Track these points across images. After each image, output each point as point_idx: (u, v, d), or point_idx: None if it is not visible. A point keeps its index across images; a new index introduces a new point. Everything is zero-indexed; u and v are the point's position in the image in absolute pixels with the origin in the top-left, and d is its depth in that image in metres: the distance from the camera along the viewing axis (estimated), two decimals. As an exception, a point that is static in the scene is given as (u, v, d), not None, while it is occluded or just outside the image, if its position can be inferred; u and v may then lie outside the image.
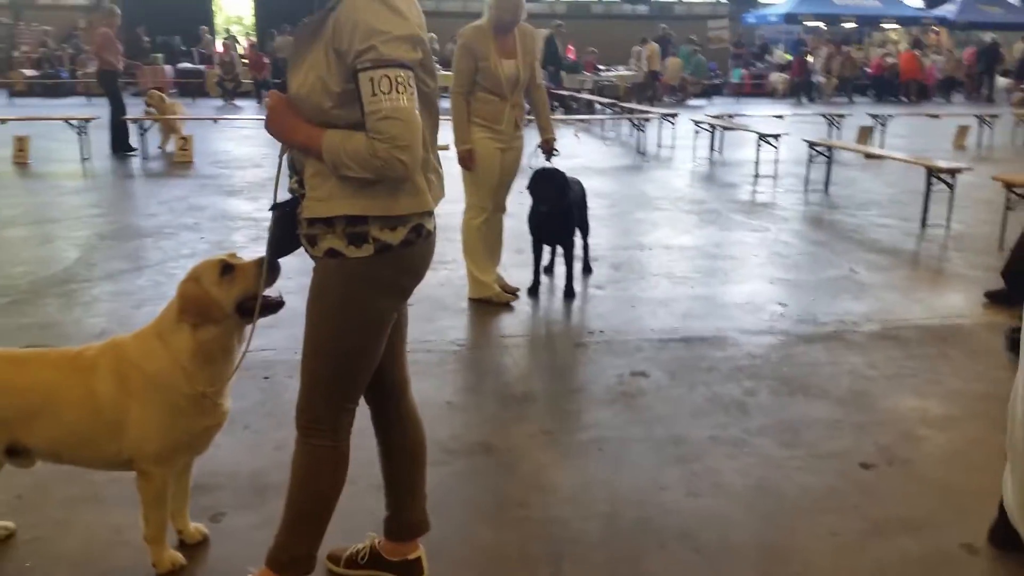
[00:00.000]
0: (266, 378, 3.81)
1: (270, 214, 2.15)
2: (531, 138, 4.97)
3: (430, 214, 2.10)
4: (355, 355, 2.09)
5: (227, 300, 2.25)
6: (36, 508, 2.75)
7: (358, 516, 2.63)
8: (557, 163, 4.97)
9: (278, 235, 2.12)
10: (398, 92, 1.83)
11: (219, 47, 22.54)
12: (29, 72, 20.81)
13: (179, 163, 10.38)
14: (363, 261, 1.99)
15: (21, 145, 10.20)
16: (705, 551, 2.59)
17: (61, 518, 2.71)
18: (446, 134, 3.17)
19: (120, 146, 11.06)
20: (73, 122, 10.84)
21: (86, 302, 4.89)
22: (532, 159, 4.99)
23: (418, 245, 2.05)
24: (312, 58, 1.92)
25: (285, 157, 2.09)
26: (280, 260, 2.22)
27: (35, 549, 2.54)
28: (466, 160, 4.71)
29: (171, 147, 11.10)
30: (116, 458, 2.35)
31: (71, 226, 6.92)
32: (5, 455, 2.34)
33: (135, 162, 10.53)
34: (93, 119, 10.88)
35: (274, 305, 2.29)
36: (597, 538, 2.65)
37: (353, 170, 1.88)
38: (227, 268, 2.27)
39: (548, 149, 4.99)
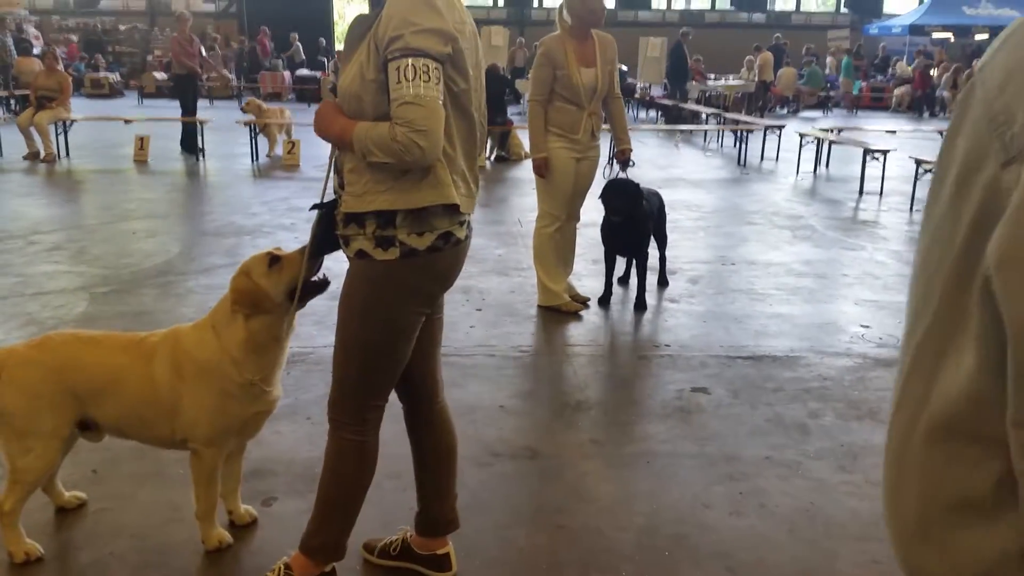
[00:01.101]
0: (332, 373, 3.95)
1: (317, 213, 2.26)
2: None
3: (462, 223, 2.14)
4: (379, 355, 2.17)
5: (276, 289, 2.40)
6: (107, 481, 2.97)
7: (398, 510, 2.72)
8: (651, 173, 4.94)
9: (319, 235, 2.24)
10: (422, 80, 1.91)
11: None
12: (159, 75, 22.25)
13: (287, 165, 10.87)
14: (389, 264, 2.06)
15: (142, 144, 10.94)
16: (739, 571, 2.53)
17: (127, 492, 2.91)
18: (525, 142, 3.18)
19: (189, 147, 11.45)
20: (197, 123, 11.55)
21: (180, 294, 5.22)
22: (608, 168, 4.98)
23: (446, 252, 2.11)
24: (359, 53, 2.03)
25: (334, 159, 2.19)
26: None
27: (100, 519, 2.75)
28: (541, 168, 4.75)
29: (279, 151, 11.60)
30: (171, 438, 2.52)
31: (177, 222, 7.39)
32: (78, 428, 2.54)
33: (245, 163, 11.11)
34: (208, 121, 11.54)
35: (320, 285, 2.42)
36: (629, 550, 2.64)
37: (376, 156, 1.96)
38: (274, 260, 2.42)
39: (624, 160, 4.97)
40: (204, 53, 12.11)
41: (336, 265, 2.28)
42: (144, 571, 2.48)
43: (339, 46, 24.90)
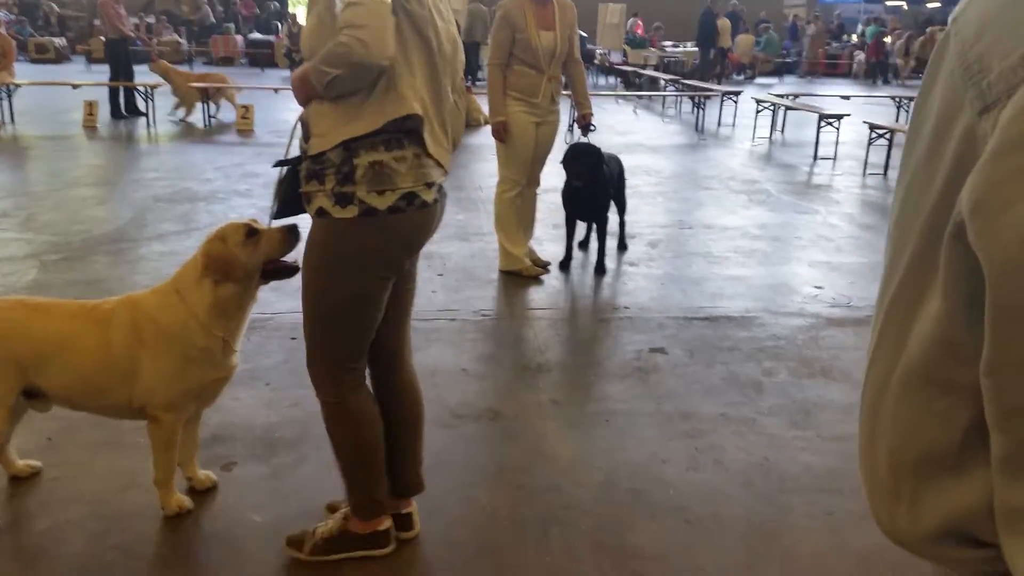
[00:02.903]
0: (292, 339, 3.93)
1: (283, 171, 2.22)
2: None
3: (429, 185, 2.09)
4: (341, 318, 2.14)
5: (249, 261, 2.38)
6: (61, 450, 2.93)
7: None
8: (611, 139, 4.95)
9: (284, 195, 2.19)
10: None
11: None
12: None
13: (241, 131, 10.66)
14: (348, 223, 2.03)
15: (91, 110, 10.62)
16: (695, 523, 2.60)
17: (83, 460, 2.87)
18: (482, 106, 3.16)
19: (122, 111, 11.39)
20: (140, 88, 11.23)
21: (132, 260, 5.12)
22: (569, 134, 4.98)
23: (409, 214, 2.06)
24: (317, 4, 2.01)
25: (299, 120, 2.15)
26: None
27: (56, 487, 2.71)
28: (500, 132, 4.73)
29: (192, 117, 11.39)
30: (127, 406, 2.48)
31: (130, 188, 7.21)
32: (23, 396, 2.49)
33: (198, 129, 10.86)
34: (159, 86, 11.24)
35: (290, 269, 2.42)
36: (589, 506, 2.69)
37: (328, 72, 1.92)
38: (252, 232, 2.39)
39: (584, 124, 4.97)
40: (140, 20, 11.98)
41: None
42: (102, 538, 2.46)
43: (292, 9, 24.42)
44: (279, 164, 2.19)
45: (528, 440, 3.13)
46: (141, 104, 11.35)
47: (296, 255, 2.37)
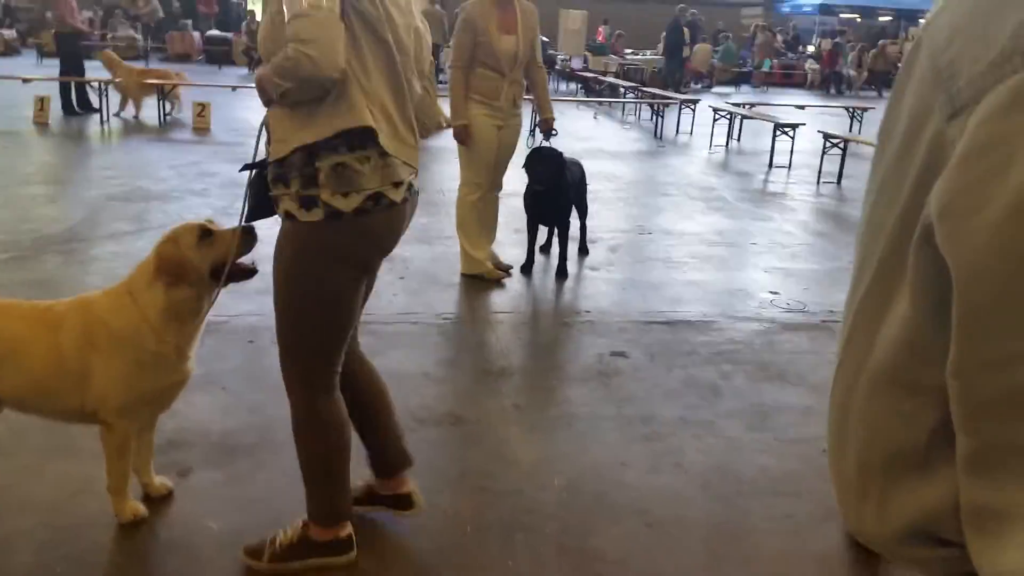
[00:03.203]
0: (251, 342, 3.87)
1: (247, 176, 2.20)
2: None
3: (396, 184, 2.06)
4: (312, 320, 2.13)
5: (203, 264, 2.33)
6: (12, 455, 2.84)
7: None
8: (571, 144, 4.98)
9: (253, 200, 2.17)
10: None
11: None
12: (59, 33, 21.03)
13: (198, 129, 10.48)
14: (314, 226, 2.01)
15: (42, 105, 10.34)
16: (657, 527, 2.63)
17: (34, 465, 2.79)
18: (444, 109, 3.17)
19: (73, 107, 11.11)
20: (94, 84, 10.98)
21: (84, 261, 5.00)
22: (531, 139, 5.00)
23: (376, 215, 2.03)
24: (271, 3, 1.99)
25: (264, 123, 2.12)
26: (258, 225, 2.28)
27: (3, 495, 2.63)
28: (462, 135, 4.72)
29: (132, 112, 11.15)
30: (79, 410, 2.41)
31: (82, 186, 7.04)
32: (-29, 401, 2.41)
33: (154, 126, 10.64)
34: (115, 81, 10.99)
35: (247, 272, 2.37)
36: (552, 509, 2.70)
37: (279, 83, 1.91)
38: (206, 233, 2.34)
39: (547, 129, 4.99)
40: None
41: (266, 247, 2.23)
42: (54, 547, 2.39)
43: (251, 6, 24.07)
44: (246, 168, 2.17)
45: (490, 444, 3.12)
46: (95, 100, 11.08)
47: (254, 256, 2.34)
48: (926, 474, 0.62)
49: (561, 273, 5.15)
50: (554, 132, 5.01)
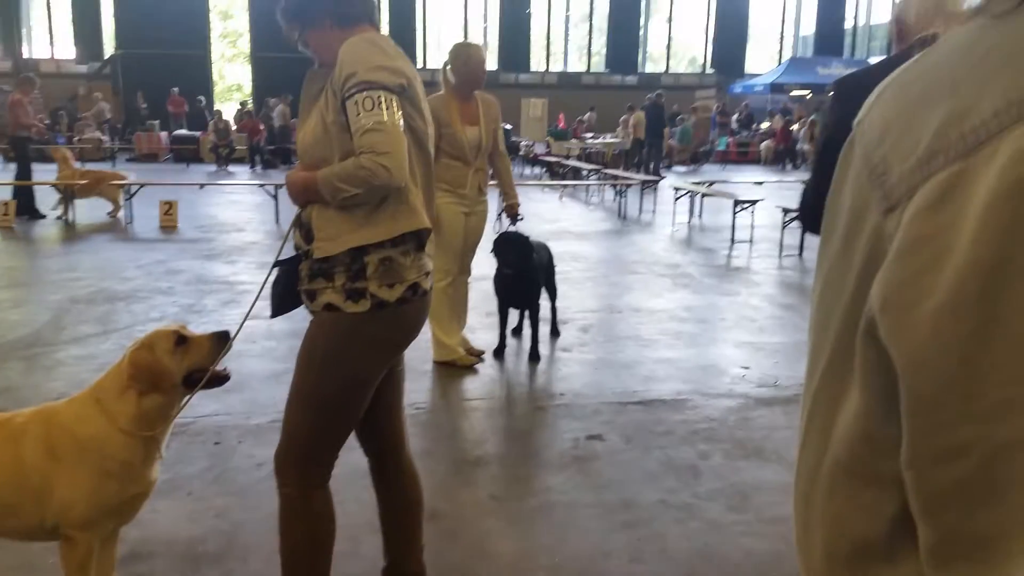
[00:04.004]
0: (216, 443, 3.78)
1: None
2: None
3: (428, 274, 2.20)
4: (338, 408, 2.17)
5: (178, 371, 2.30)
6: (-36, 576, 2.70)
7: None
8: (538, 226, 5.04)
9: (280, 292, 2.24)
10: (380, 108, 1.97)
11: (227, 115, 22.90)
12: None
13: (164, 227, 10.47)
14: (359, 316, 2.07)
15: (6, 209, 10.30)
16: (642, 619, 2.54)
17: (-12, 586, 2.65)
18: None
19: (26, 210, 10.98)
20: (59, 186, 10.97)
21: (48, 366, 4.88)
22: (497, 223, 5.06)
23: (413, 303, 2.14)
24: (318, 104, 2.10)
25: (298, 216, 2.19)
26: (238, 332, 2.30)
27: (-44, 619, 2.49)
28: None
29: (71, 215, 10.91)
30: (40, 526, 2.31)
31: (46, 289, 6.95)
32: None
33: (120, 227, 10.61)
34: (79, 183, 11.00)
35: (222, 379, 2.35)
36: (533, 606, 2.61)
37: (346, 190, 1.99)
38: (181, 339, 2.32)
39: (512, 214, 5.06)
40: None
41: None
42: (8, 674, 2.25)
43: (218, 106, 24.49)
44: (278, 265, 2.24)
45: (469, 539, 3.04)
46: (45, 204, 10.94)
47: (225, 363, 2.32)
48: (892, 564, 0.61)
49: (534, 356, 5.13)
50: (520, 217, 5.08)
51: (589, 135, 23.53)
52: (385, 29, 15.30)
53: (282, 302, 2.23)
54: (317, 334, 2.14)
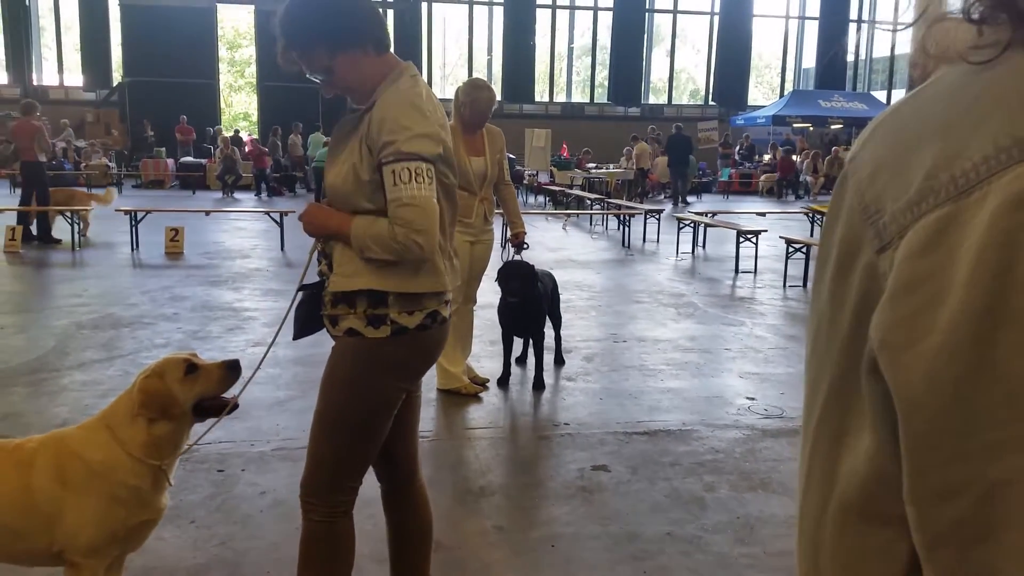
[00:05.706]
0: (220, 471, 3.76)
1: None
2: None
3: (446, 301, 2.23)
4: (360, 432, 2.19)
5: (188, 399, 2.31)
6: (-35, 603, 2.68)
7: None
8: (542, 255, 5.06)
9: (303, 316, 2.27)
10: (417, 182, 1.99)
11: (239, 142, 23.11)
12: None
13: (170, 254, 10.52)
14: (380, 342, 2.11)
15: (13, 235, 10.36)
16: (648, 654, 2.52)
17: (-11, 614, 2.63)
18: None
19: (44, 236, 11.10)
20: (67, 213, 11.04)
21: (52, 392, 4.88)
22: (503, 252, 5.08)
23: (433, 330, 2.18)
24: (349, 151, 2.12)
25: (317, 245, 2.25)
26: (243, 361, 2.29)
27: (-43, 647, 2.47)
28: (435, 253, 4.78)
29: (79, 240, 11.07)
30: (46, 551, 2.31)
31: (52, 315, 6.97)
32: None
33: (125, 252, 10.66)
34: (89, 209, 11.08)
35: (232, 407, 2.38)
36: (539, 639, 2.58)
37: (375, 252, 2.03)
38: (192, 367, 2.33)
39: (518, 243, 5.08)
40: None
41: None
42: None
43: (226, 132, 24.70)
44: (302, 289, 2.27)
45: (472, 571, 3.02)
46: (60, 231, 11.04)
47: (232, 392, 2.34)
48: None
49: (538, 385, 5.13)
50: (525, 246, 5.11)
51: (592, 165, 23.68)
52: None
53: (304, 326, 2.27)
54: (339, 359, 2.17)
